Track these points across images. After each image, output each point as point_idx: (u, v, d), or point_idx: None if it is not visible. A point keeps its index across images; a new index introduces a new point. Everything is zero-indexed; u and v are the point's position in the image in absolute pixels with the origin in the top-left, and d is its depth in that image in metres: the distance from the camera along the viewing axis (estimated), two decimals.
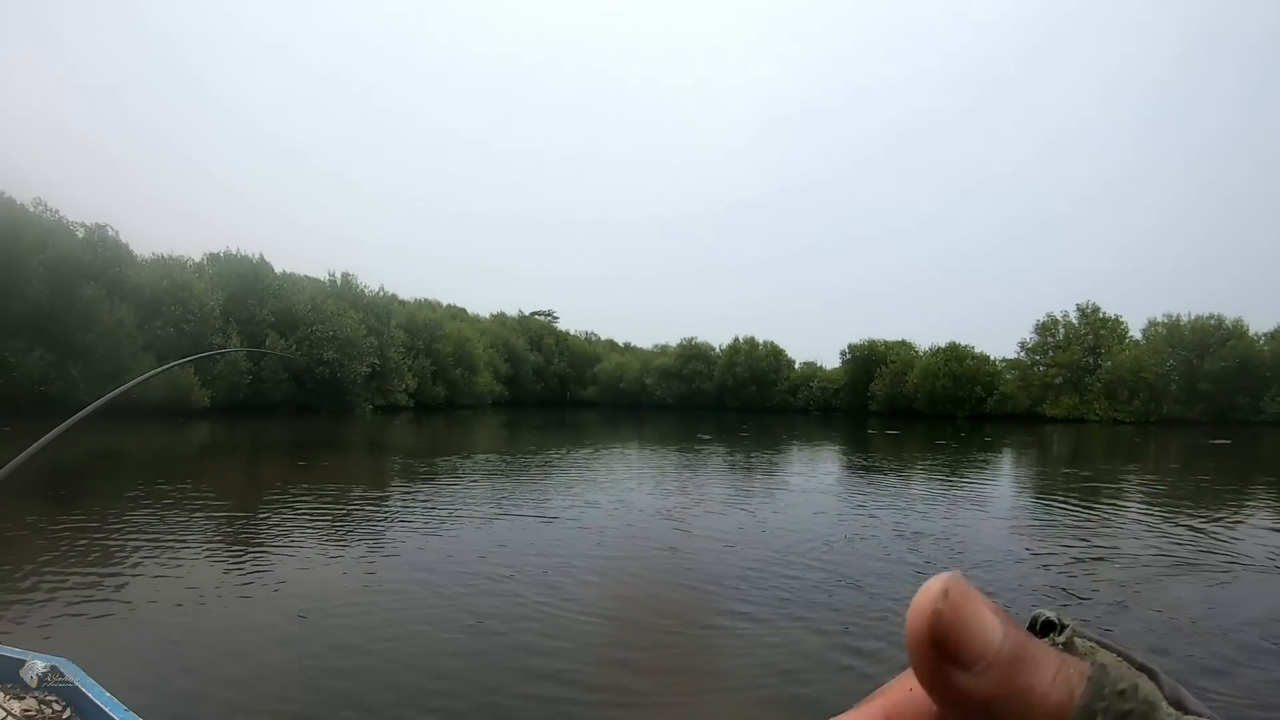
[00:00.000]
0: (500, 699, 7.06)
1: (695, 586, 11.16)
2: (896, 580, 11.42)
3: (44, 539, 12.11)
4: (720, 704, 6.95)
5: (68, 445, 23.66)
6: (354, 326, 46.53)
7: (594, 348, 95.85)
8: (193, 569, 10.77)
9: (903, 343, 71.48)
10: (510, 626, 9.00)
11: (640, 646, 8.64)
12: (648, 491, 19.90)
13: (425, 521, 15.22)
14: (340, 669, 7.48)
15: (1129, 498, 19.20)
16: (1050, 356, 59.38)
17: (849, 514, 16.70)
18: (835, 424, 55.54)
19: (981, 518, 16.29)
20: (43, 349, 30.36)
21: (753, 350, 79.46)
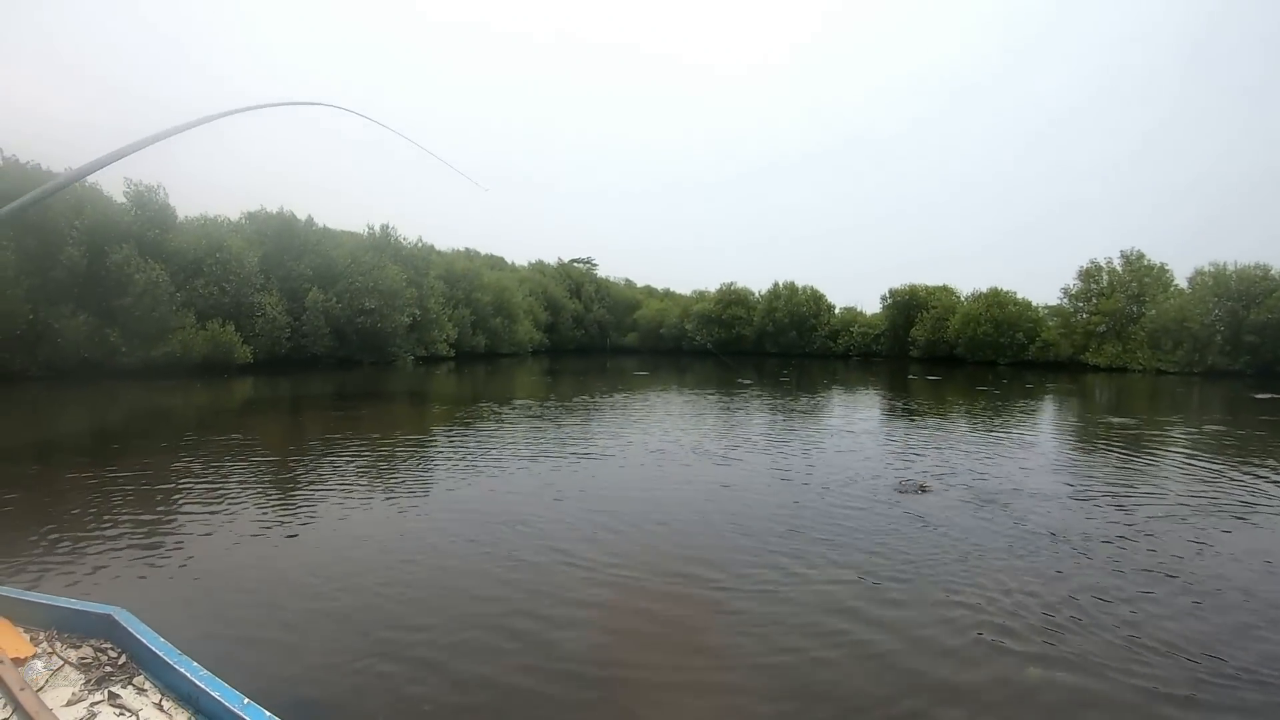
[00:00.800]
0: (546, 640, 6.95)
1: (740, 528, 10.99)
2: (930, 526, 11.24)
3: (95, 493, 12.27)
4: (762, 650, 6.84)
5: (112, 404, 23.98)
6: (394, 277, 46.36)
7: (633, 294, 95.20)
8: (240, 518, 10.90)
9: (944, 288, 70.15)
10: (553, 571, 8.93)
11: (678, 585, 8.50)
12: (691, 435, 19.74)
13: (467, 467, 15.20)
14: (386, 612, 7.56)
15: (1171, 447, 18.64)
16: (1093, 304, 57.79)
17: (890, 458, 16.45)
18: (876, 369, 55.44)
19: (1022, 463, 15.95)
20: (85, 314, 30.34)
21: (793, 295, 78.64)
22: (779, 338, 77.94)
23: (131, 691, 3.28)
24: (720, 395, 32.99)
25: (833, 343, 76.36)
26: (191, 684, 3.15)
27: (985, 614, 7.55)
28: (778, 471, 15.13)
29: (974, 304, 63.96)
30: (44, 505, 11.56)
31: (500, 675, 6.25)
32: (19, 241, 29.02)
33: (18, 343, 29.05)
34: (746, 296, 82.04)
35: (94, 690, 3.28)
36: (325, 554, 9.32)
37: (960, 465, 15.44)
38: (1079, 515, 11.74)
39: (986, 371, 51.92)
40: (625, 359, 70.65)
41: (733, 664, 6.53)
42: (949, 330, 64.30)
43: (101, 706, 3.15)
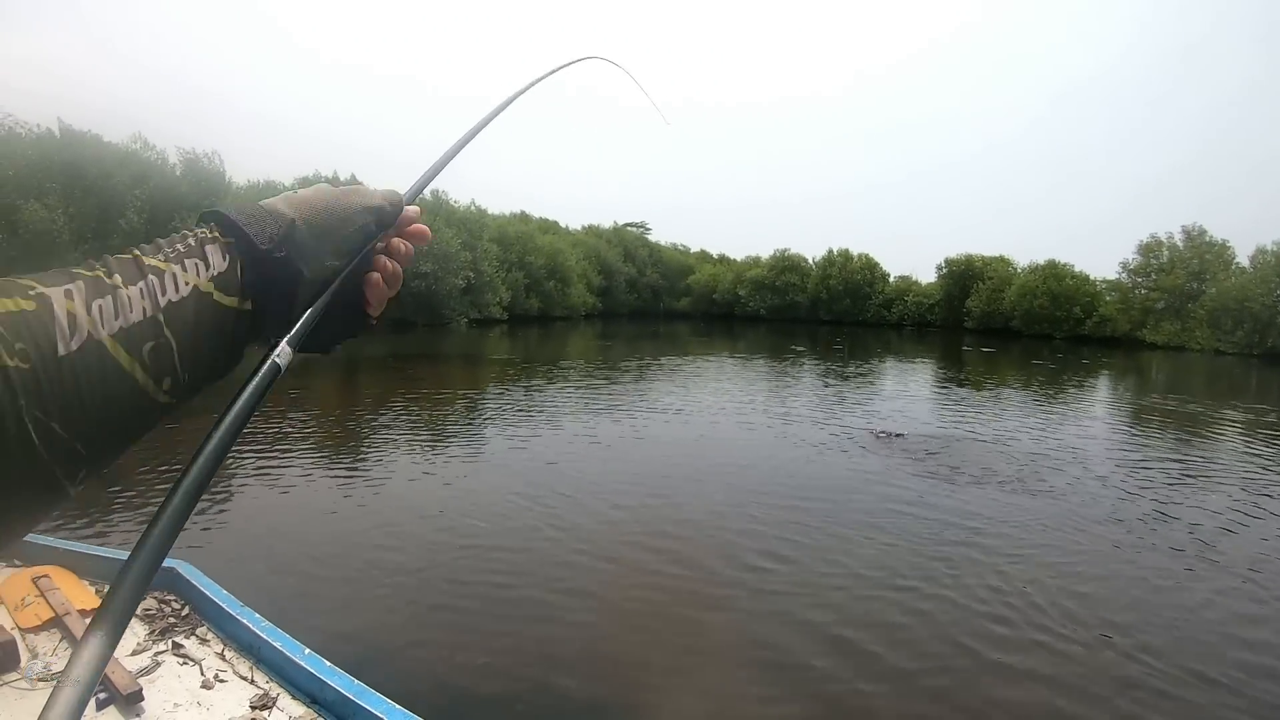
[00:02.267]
0: (604, 600, 6.95)
1: (792, 495, 10.87)
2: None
3: (154, 452, 12.43)
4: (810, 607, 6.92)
5: None
6: (448, 241, 46.50)
7: (686, 258, 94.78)
8: (301, 475, 11.19)
9: (1000, 258, 68.67)
10: (600, 532, 8.92)
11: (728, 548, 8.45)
12: (746, 401, 19.58)
13: (521, 427, 15.19)
14: (445, 566, 7.67)
15: (1228, 430, 18.01)
16: (1152, 280, 55.88)
17: (945, 430, 16.17)
18: (930, 340, 54.79)
19: (1076, 441, 15.53)
20: None
21: (847, 263, 77.63)
22: (833, 305, 77.04)
23: (194, 641, 3.41)
24: (772, 363, 32.72)
25: (887, 312, 75.28)
26: (253, 634, 3.27)
27: (1025, 596, 7.39)
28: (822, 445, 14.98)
29: (1031, 276, 62.51)
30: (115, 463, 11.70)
31: (557, 632, 6.28)
32: (78, 207, 29.32)
33: None
34: (800, 263, 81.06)
35: (158, 640, 3.40)
36: (385, 510, 9.44)
37: (1011, 444, 15.10)
38: (1119, 491, 11.50)
39: (1042, 345, 50.80)
40: (678, 324, 70.73)
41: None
42: (1005, 302, 63.02)
43: (165, 656, 3.27)
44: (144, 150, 34.71)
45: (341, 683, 2.87)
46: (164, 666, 3.20)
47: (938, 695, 5.49)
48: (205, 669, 3.19)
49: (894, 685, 5.62)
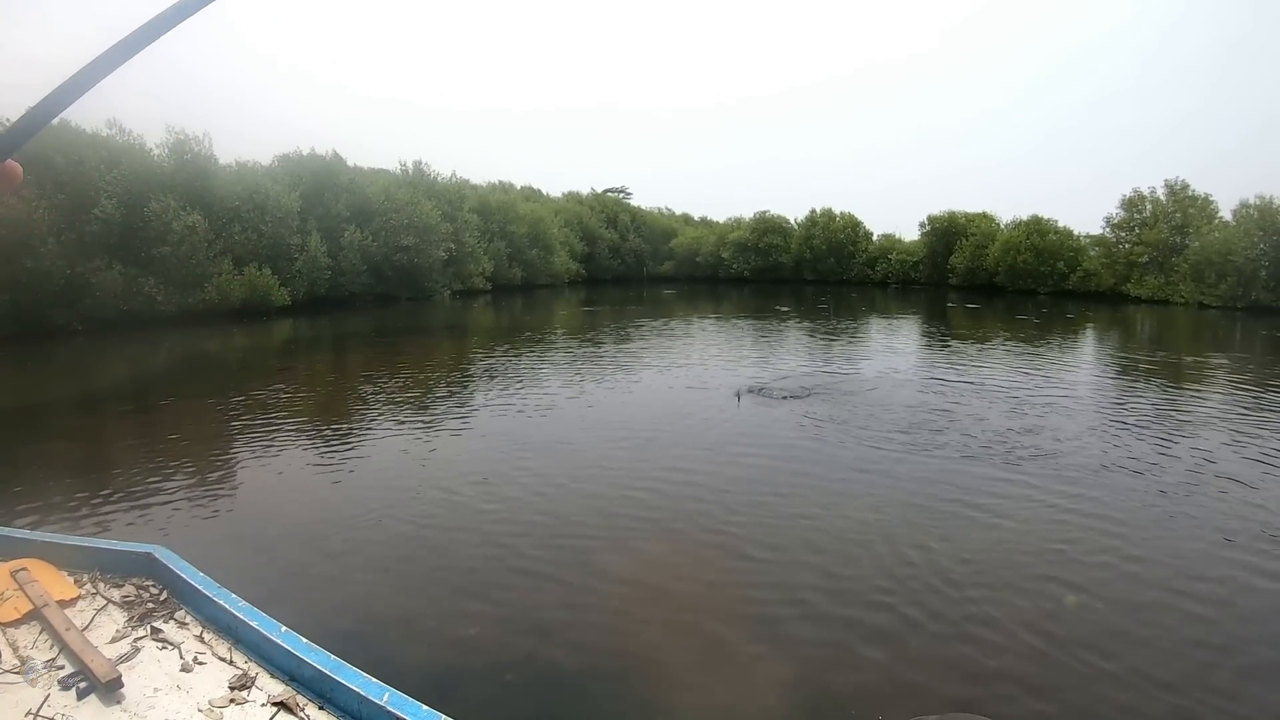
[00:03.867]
0: (590, 565, 7.08)
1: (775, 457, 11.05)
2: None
3: (139, 439, 12.72)
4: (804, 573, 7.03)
5: (152, 352, 24.32)
6: (429, 213, 46.38)
7: (669, 222, 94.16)
8: (281, 457, 11.29)
9: (983, 215, 68.31)
10: (591, 497, 9.05)
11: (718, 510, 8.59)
12: (731, 362, 19.76)
13: (505, 396, 15.40)
14: (429, 542, 7.84)
15: (1212, 381, 18.52)
16: (1136, 234, 55.47)
17: (929, 385, 16.41)
18: (914, 297, 55.51)
19: (1061, 394, 15.91)
20: (120, 265, 30.69)
21: (829, 222, 77.18)
22: (816, 265, 76.78)
23: (173, 625, 3.42)
24: (757, 322, 32.90)
25: (871, 270, 75.10)
26: (231, 615, 3.29)
27: (1029, 544, 7.61)
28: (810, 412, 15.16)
29: (1014, 232, 62.23)
30: (91, 453, 12.02)
31: (544, 601, 6.45)
32: (50, 199, 29.17)
33: (57, 298, 29.28)
34: (782, 224, 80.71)
35: (137, 626, 3.41)
36: (367, 487, 9.59)
37: (998, 398, 15.39)
38: (1107, 441, 11.76)
39: (1026, 301, 51.29)
40: (662, 287, 71.01)
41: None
42: (989, 259, 62.95)
43: (144, 641, 3.28)
44: (118, 135, 34.33)
45: (319, 659, 2.91)
46: (143, 652, 3.22)
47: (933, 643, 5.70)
48: (184, 652, 3.21)
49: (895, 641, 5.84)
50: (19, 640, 3.31)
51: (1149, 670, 5.44)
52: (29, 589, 3.60)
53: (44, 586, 3.64)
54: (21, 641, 3.29)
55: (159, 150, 36.18)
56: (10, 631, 3.37)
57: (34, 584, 3.65)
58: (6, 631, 3.37)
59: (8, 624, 3.41)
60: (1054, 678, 5.36)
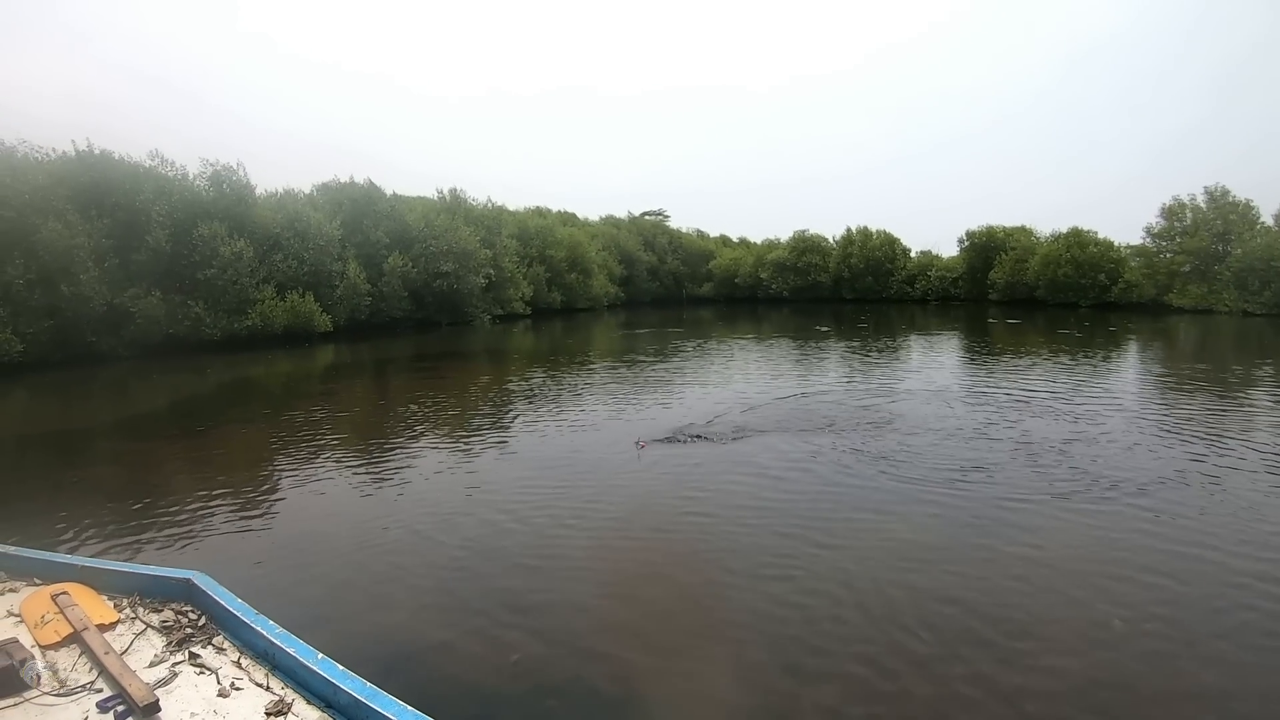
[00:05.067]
0: (633, 596, 6.93)
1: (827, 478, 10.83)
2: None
3: (183, 464, 12.73)
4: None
5: (196, 377, 24.52)
6: (467, 239, 46.58)
7: (706, 244, 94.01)
8: (322, 481, 11.21)
9: (1022, 228, 67.27)
10: (634, 525, 8.88)
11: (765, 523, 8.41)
12: (774, 382, 19.55)
13: (547, 421, 15.20)
14: (468, 568, 7.64)
15: (1259, 392, 17.80)
16: (1176, 243, 53.92)
17: (973, 404, 16.03)
18: (955, 313, 54.43)
19: (1106, 409, 15.27)
20: (162, 291, 31.26)
21: (866, 240, 76.39)
22: (855, 283, 75.73)
23: (211, 651, 3.46)
24: (798, 343, 32.64)
25: (910, 287, 73.90)
26: (268, 641, 3.32)
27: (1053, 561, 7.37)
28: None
29: (1054, 245, 60.82)
30: (133, 478, 11.94)
31: (586, 628, 6.27)
32: (92, 226, 29.72)
33: (102, 324, 29.87)
34: (820, 243, 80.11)
35: (175, 651, 3.46)
36: (407, 513, 9.41)
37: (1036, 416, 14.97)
38: (1150, 459, 11.36)
39: (1068, 314, 50.04)
40: (701, 309, 70.81)
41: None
42: (1028, 272, 61.55)
43: (182, 666, 3.33)
44: (163, 166, 35.00)
45: (354, 686, 2.92)
46: (181, 676, 3.26)
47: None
48: (221, 678, 3.24)
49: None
50: (59, 662, 3.34)
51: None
52: (69, 612, 3.65)
53: (84, 610, 3.68)
54: (61, 664, 3.33)
55: (200, 180, 36.87)
56: (50, 654, 3.41)
57: (74, 608, 3.70)
58: (47, 654, 3.41)
59: (48, 646, 3.46)
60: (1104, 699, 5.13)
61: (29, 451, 14.81)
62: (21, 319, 26.94)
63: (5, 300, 26.53)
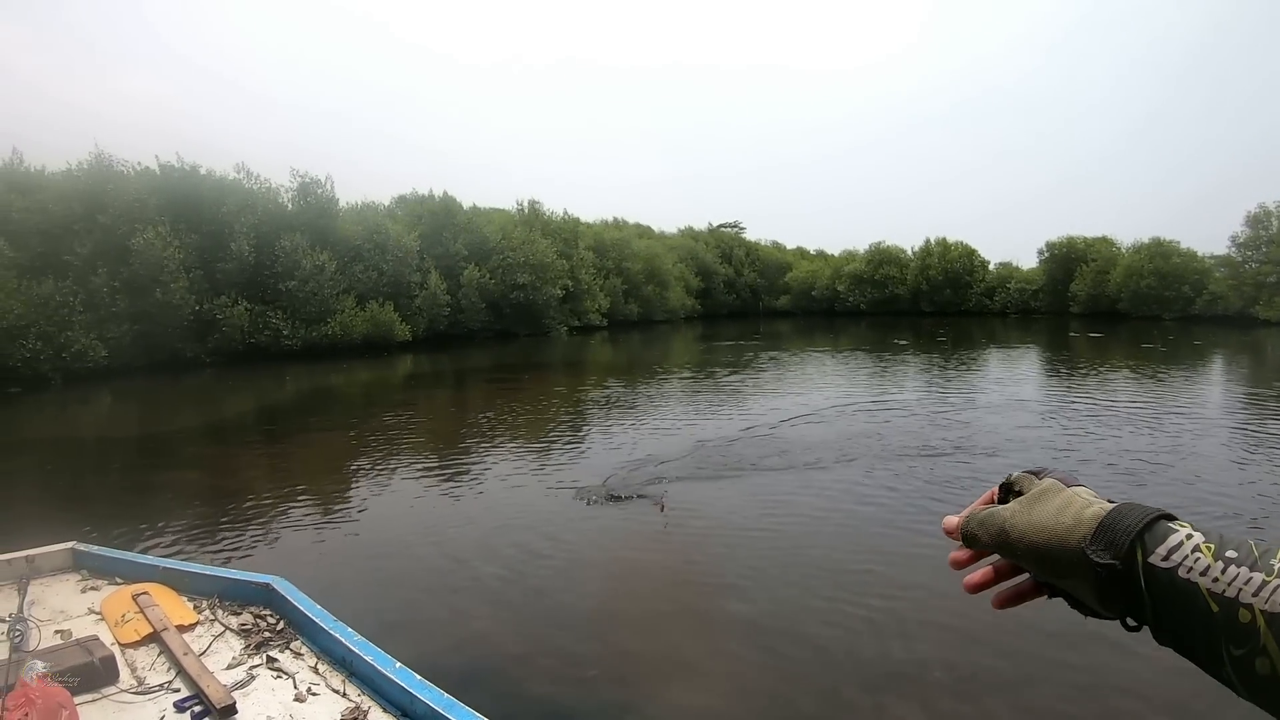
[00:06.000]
0: (712, 615, 6.61)
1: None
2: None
3: (266, 469, 12.74)
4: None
5: (277, 384, 24.75)
6: (544, 251, 46.71)
7: (784, 256, 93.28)
8: (401, 490, 11.12)
9: (1103, 239, 65.37)
10: (712, 542, 8.57)
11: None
12: (853, 397, 18.97)
13: (624, 434, 14.83)
14: (547, 582, 7.39)
15: None
16: (1263, 253, 51.16)
17: (1055, 422, 15.28)
18: (1035, 327, 53.00)
19: (1192, 430, 14.34)
20: (247, 301, 32.02)
21: (945, 252, 74.96)
22: (933, 296, 74.26)
23: (288, 656, 3.47)
24: (879, 358, 31.92)
25: (989, 300, 72.43)
26: (346, 648, 3.31)
27: None
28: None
29: (1136, 255, 58.92)
30: (216, 482, 12.04)
31: (668, 646, 6.04)
32: (181, 239, 30.43)
33: (188, 332, 30.53)
34: (898, 255, 78.74)
35: (252, 654, 3.47)
36: (488, 522, 9.23)
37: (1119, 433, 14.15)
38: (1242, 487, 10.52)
39: (1151, 327, 48.04)
40: (778, 322, 70.05)
41: None
42: (1111, 284, 59.70)
43: (260, 669, 3.34)
44: (248, 180, 35.69)
45: (431, 696, 2.86)
46: (258, 680, 3.25)
47: None
48: (299, 682, 3.23)
49: None
50: (137, 661, 3.40)
51: None
52: (150, 612, 3.71)
53: (164, 611, 3.75)
54: (140, 662, 3.39)
55: (286, 192, 37.69)
56: (130, 652, 3.46)
57: (155, 608, 3.76)
58: (126, 652, 3.45)
59: (128, 645, 3.51)
60: None
61: (114, 454, 15.11)
62: (107, 325, 27.56)
63: (92, 306, 27.10)
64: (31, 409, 21.61)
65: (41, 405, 22.06)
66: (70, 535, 4.86)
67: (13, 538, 5.05)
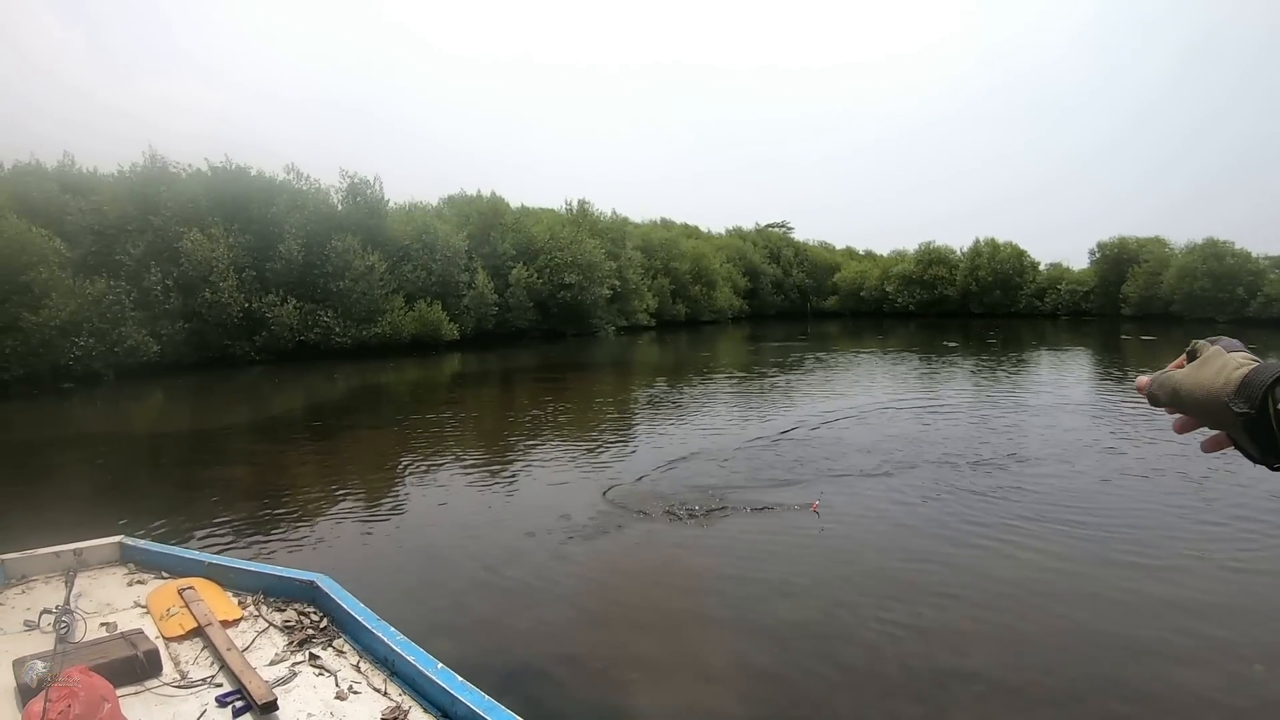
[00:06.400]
0: (762, 619, 6.40)
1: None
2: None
3: (313, 467, 12.72)
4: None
5: (326, 382, 24.84)
6: (592, 251, 46.62)
7: (832, 256, 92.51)
8: (448, 489, 11.10)
9: (1156, 239, 63.52)
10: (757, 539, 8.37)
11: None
12: (908, 399, 18.59)
13: (671, 434, 14.59)
14: (596, 583, 7.35)
15: None
16: None
17: (1111, 429, 14.75)
18: (1086, 329, 51.87)
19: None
20: (296, 300, 32.26)
21: (994, 253, 73.70)
22: (983, 298, 72.96)
23: (331, 653, 3.52)
24: (930, 361, 31.37)
25: (1040, 301, 71.11)
26: (388, 647, 3.33)
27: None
28: None
29: (1189, 256, 57.11)
30: (264, 478, 12.04)
31: (711, 648, 5.94)
32: (233, 238, 30.89)
33: (238, 330, 30.87)
34: (947, 255, 77.58)
35: (295, 651, 3.52)
36: (534, 524, 9.02)
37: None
38: None
39: (1205, 329, 46.09)
40: (826, 323, 69.39)
41: None
42: (1163, 286, 57.85)
43: (302, 666, 3.38)
44: (297, 180, 36.02)
45: (472, 698, 2.87)
46: (300, 677, 3.28)
47: None
48: (340, 680, 3.25)
49: None
50: (181, 655, 3.46)
51: None
52: (194, 607, 3.77)
53: (209, 606, 3.81)
54: (184, 656, 3.45)
55: (335, 193, 37.98)
56: (174, 646, 3.53)
57: (200, 603, 3.82)
58: (170, 646, 3.53)
59: (172, 639, 3.58)
60: None
61: (164, 449, 15.24)
62: (160, 322, 27.93)
63: (145, 304, 27.42)
64: (84, 404, 21.86)
65: (94, 400, 22.31)
66: (119, 529, 4.93)
67: (64, 530, 5.21)
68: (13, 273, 23.92)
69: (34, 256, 24.35)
